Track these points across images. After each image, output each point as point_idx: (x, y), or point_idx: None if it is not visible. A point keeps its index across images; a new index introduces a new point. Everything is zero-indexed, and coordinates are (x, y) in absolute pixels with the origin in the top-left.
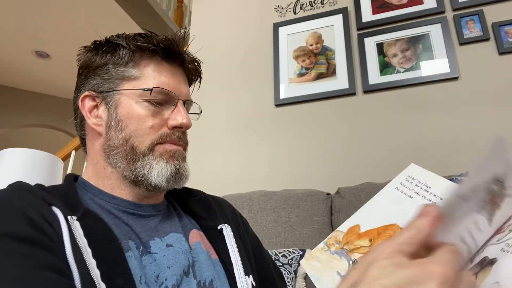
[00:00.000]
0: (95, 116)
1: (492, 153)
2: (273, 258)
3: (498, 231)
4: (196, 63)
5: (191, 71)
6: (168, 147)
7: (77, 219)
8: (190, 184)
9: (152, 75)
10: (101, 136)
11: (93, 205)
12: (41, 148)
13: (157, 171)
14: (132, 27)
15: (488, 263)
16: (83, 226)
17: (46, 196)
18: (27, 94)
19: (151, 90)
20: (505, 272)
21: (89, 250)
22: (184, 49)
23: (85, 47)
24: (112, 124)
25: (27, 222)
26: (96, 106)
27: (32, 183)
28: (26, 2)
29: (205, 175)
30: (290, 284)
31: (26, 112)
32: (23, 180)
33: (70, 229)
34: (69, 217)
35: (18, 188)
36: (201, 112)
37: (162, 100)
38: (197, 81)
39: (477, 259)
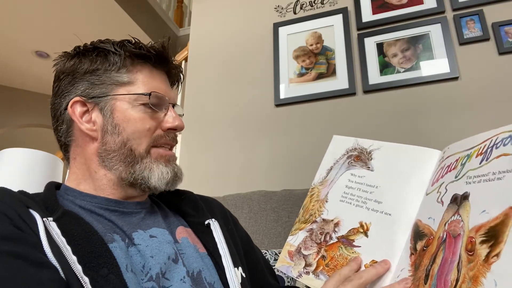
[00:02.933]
0: (88, 121)
1: (334, 144)
2: (274, 258)
3: (448, 169)
4: (178, 69)
5: (173, 76)
6: (162, 152)
7: (54, 220)
8: (190, 183)
9: (145, 80)
10: (96, 140)
11: (74, 207)
12: (41, 148)
13: (158, 175)
14: (132, 27)
15: (462, 198)
16: (60, 226)
17: (25, 200)
18: (27, 94)
19: (149, 94)
20: (486, 199)
21: (69, 248)
22: (180, 53)
23: (65, 53)
24: (109, 129)
25: (8, 221)
26: (87, 111)
27: (32, 183)
28: (26, 2)
29: (205, 175)
30: (290, 282)
31: (26, 112)
32: (24, 180)
33: (47, 230)
34: (45, 219)
35: None
36: (182, 115)
37: (156, 104)
38: (177, 85)
39: (446, 200)
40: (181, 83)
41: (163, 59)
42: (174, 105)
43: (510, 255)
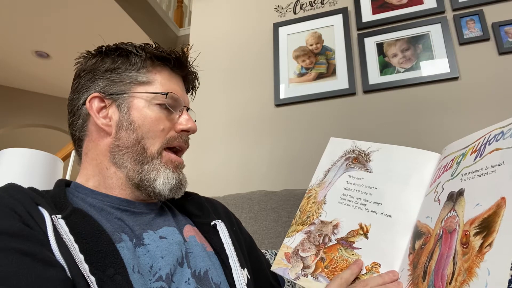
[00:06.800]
0: (104, 117)
1: (331, 146)
2: (274, 258)
3: (444, 169)
4: (195, 76)
5: (190, 83)
6: (173, 158)
7: (62, 217)
8: (190, 183)
9: (163, 82)
10: (110, 136)
11: (84, 205)
12: (41, 148)
13: (163, 179)
14: (132, 27)
15: (458, 195)
16: (69, 224)
17: (35, 197)
18: (27, 94)
19: (166, 94)
20: (480, 192)
21: (76, 246)
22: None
23: (89, 51)
24: (124, 125)
25: (17, 218)
26: (104, 107)
27: (32, 183)
28: (26, 2)
29: (205, 175)
30: (290, 284)
31: (26, 112)
32: (24, 180)
33: (55, 227)
34: (53, 216)
35: (8, 187)
36: (195, 121)
37: (171, 105)
38: (192, 92)
39: (443, 198)
40: (196, 90)
41: (181, 63)
42: (188, 110)
43: (502, 243)
